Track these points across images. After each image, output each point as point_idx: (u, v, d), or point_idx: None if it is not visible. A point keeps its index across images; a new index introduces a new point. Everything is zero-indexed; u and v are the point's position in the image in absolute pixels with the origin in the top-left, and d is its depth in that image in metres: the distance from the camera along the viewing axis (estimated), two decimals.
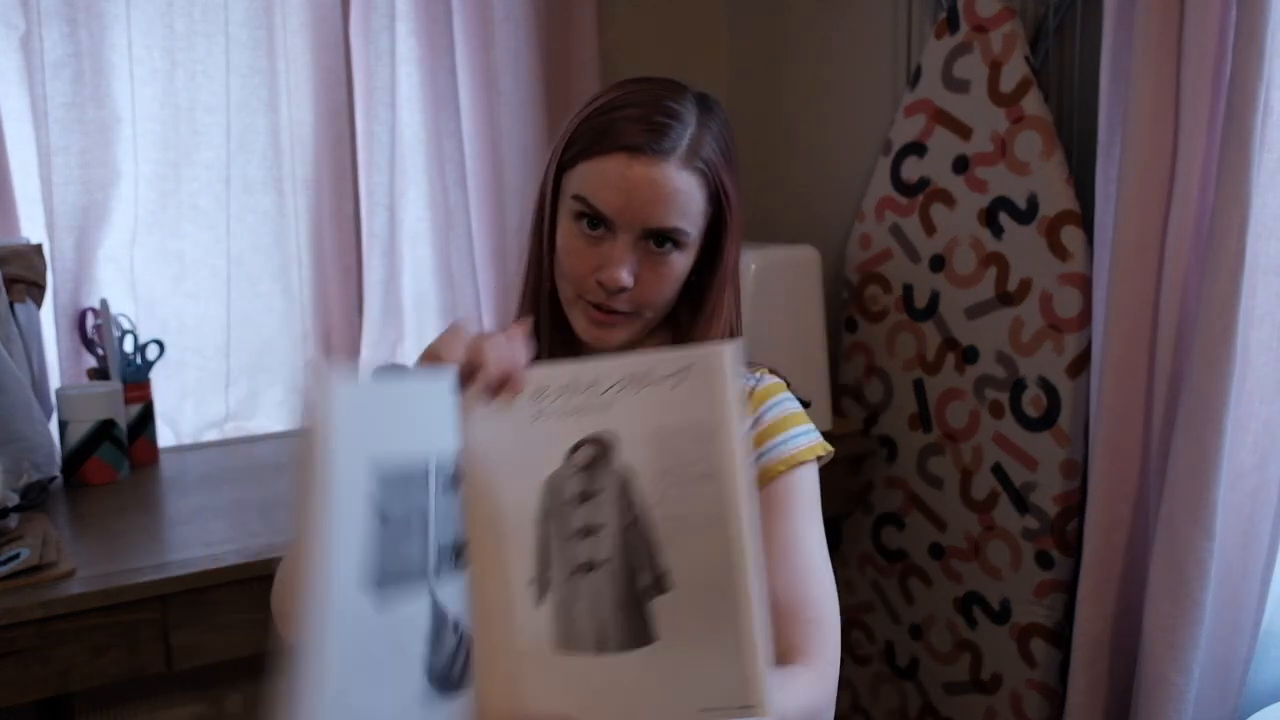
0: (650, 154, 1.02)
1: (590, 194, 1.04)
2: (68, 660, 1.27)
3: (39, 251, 1.68)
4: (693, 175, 1.04)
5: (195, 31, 1.81)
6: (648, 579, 0.79)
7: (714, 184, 1.07)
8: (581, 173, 1.05)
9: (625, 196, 1.02)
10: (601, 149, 1.03)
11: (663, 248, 1.04)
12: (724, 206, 1.08)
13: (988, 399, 1.79)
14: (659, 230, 1.03)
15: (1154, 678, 1.44)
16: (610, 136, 1.03)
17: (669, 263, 1.05)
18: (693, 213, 1.05)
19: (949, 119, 1.80)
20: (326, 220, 1.96)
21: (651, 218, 1.03)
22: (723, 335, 1.10)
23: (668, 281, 1.06)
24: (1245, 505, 1.43)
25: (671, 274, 1.06)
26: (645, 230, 1.03)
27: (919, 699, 1.97)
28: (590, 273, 1.05)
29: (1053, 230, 1.66)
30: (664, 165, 1.02)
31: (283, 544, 1.40)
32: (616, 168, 1.03)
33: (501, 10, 2.01)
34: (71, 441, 1.63)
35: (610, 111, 1.05)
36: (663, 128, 1.03)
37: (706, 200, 1.06)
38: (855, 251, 1.99)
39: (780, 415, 1.13)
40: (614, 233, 1.04)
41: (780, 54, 2.23)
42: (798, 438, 1.13)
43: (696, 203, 1.05)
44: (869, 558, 2.02)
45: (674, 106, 1.06)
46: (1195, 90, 1.39)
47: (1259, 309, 1.38)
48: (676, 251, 1.06)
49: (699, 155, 1.05)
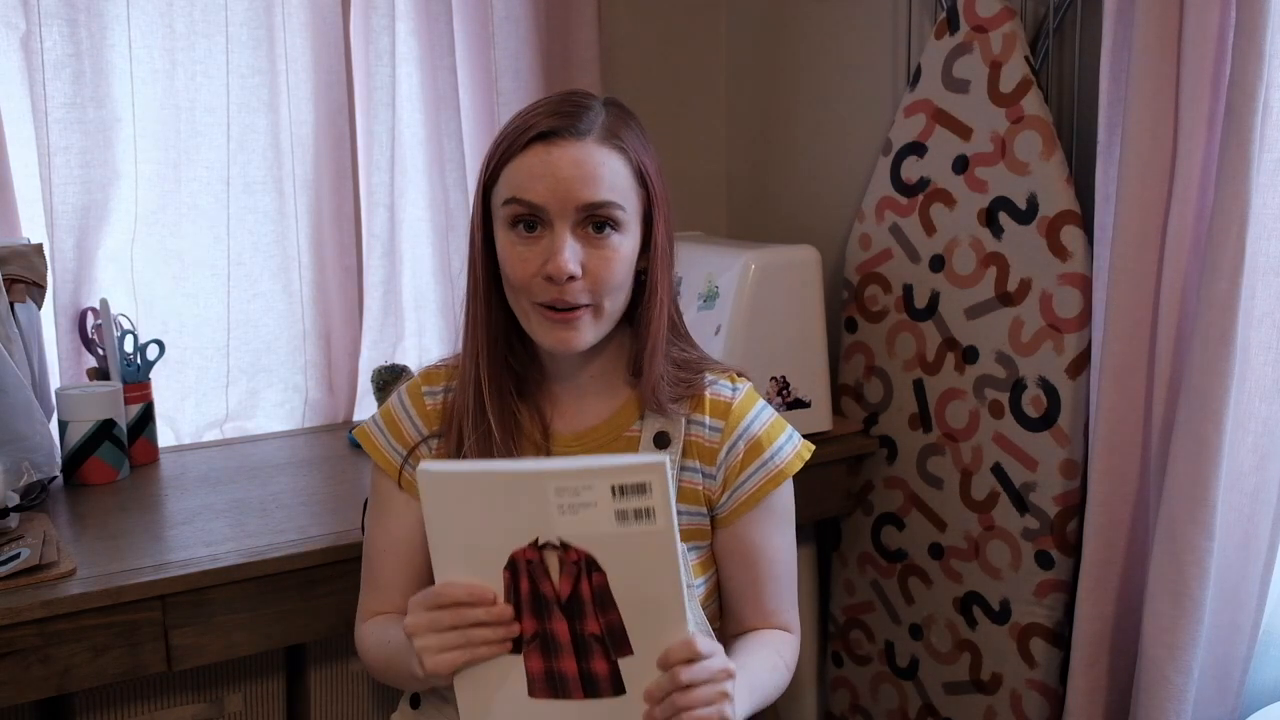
0: (567, 135, 1.04)
1: (519, 191, 1.04)
2: (68, 660, 1.27)
3: (39, 251, 1.68)
4: (613, 151, 1.05)
5: (195, 31, 1.81)
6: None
7: (636, 163, 1.07)
8: (505, 178, 1.06)
9: (553, 180, 1.03)
10: (518, 147, 1.05)
11: (601, 232, 1.05)
12: (650, 188, 1.08)
13: (988, 399, 1.79)
14: (591, 205, 1.03)
15: (1153, 677, 1.44)
16: (524, 133, 1.05)
17: (611, 245, 1.05)
18: (621, 187, 1.05)
19: (949, 119, 1.80)
20: (326, 220, 1.96)
21: (582, 194, 1.03)
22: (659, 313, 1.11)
23: (614, 264, 1.06)
24: (1245, 505, 1.43)
25: (617, 256, 1.06)
26: (579, 210, 1.04)
27: (919, 699, 1.97)
28: (536, 272, 1.05)
29: (1053, 230, 1.66)
30: (583, 143, 1.04)
31: (283, 543, 1.40)
32: (538, 157, 1.04)
33: (501, 10, 2.01)
34: (71, 441, 1.63)
35: (519, 119, 1.08)
36: (573, 113, 1.06)
37: (632, 178, 1.07)
38: (855, 251, 1.99)
39: (764, 428, 1.16)
40: (550, 225, 1.04)
41: (780, 54, 2.23)
42: (782, 449, 1.16)
43: (623, 178, 1.06)
44: (869, 558, 2.02)
45: (580, 99, 1.08)
46: (1195, 90, 1.39)
47: (1259, 309, 1.38)
48: (616, 234, 1.06)
49: (616, 135, 1.06)
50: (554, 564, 0.91)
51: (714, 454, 1.14)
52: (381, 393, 1.88)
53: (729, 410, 1.14)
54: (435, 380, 1.19)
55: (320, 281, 1.98)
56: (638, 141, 1.09)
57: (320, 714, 1.60)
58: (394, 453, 1.18)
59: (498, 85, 2.03)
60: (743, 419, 1.15)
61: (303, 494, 1.61)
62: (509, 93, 2.03)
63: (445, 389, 1.18)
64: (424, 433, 1.18)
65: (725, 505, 1.14)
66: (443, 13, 1.96)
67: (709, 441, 1.14)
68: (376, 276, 1.99)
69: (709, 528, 1.16)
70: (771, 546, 1.16)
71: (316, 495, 1.60)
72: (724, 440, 1.14)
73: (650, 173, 1.09)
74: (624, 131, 1.07)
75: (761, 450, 1.14)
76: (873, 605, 2.03)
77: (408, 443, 1.18)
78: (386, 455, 1.18)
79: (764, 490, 1.13)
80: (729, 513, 1.14)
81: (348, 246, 1.98)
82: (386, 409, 1.20)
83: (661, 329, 1.12)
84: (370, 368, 1.97)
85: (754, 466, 1.14)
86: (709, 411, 1.14)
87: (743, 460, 1.14)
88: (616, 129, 1.07)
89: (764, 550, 1.15)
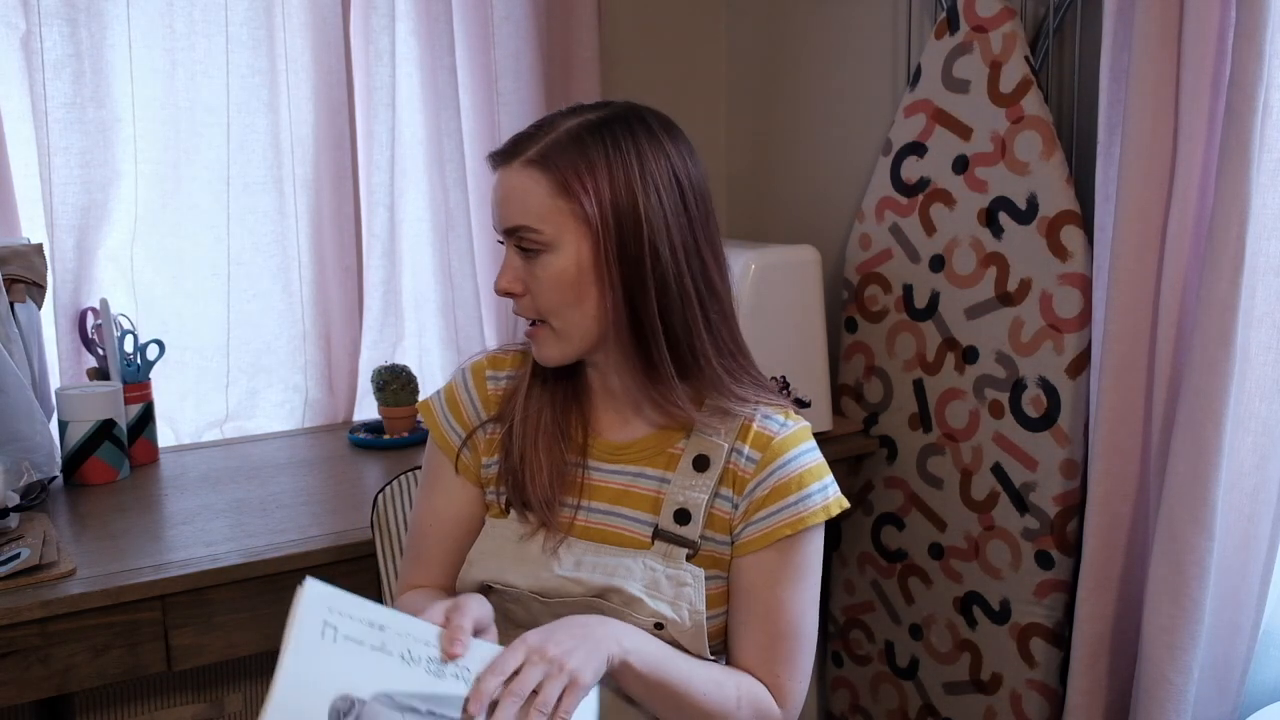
0: (503, 160, 1.08)
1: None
2: (68, 660, 1.27)
3: (39, 251, 1.68)
4: (536, 172, 1.05)
5: (195, 31, 1.81)
6: None
7: (560, 177, 1.04)
8: None
9: (493, 204, 1.09)
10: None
11: (529, 253, 1.07)
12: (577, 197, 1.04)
13: (988, 399, 1.79)
14: (507, 231, 1.07)
15: (1153, 677, 1.44)
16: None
17: (542, 264, 1.06)
18: (533, 208, 1.05)
19: (949, 119, 1.80)
20: (326, 220, 1.96)
21: (500, 220, 1.08)
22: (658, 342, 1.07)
23: (544, 284, 1.06)
24: (1245, 505, 1.43)
25: (546, 275, 1.06)
26: (504, 234, 1.08)
27: (919, 699, 1.97)
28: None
29: (1053, 230, 1.66)
30: (508, 169, 1.07)
31: (283, 543, 1.40)
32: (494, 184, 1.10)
33: (501, 10, 2.01)
34: (71, 441, 1.63)
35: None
36: (520, 137, 1.08)
37: (550, 194, 1.04)
38: (855, 251, 1.99)
39: (796, 471, 1.11)
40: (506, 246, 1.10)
41: (780, 54, 2.23)
42: (810, 497, 1.11)
43: (536, 197, 1.05)
44: (869, 558, 2.03)
45: (553, 118, 1.09)
46: (1195, 90, 1.39)
47: (1259, 309, 1.38)
48: (546, 254, 1.06)
49: (548, 154, 1.05)
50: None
51: (744, 484, 1.10)
52: (381, 393, 1.88)
53: (769, 444, 1.11)
54: (501, 365, 1.20)
55: (320, 281, 1.98)
56: (590, 157, 1.04)
57: None
58: (454, 434, 1.18)
59: (498, 85, 2.03)
60: (781, 455, 1.11)
61: (303, 494, 1.61)
62: (509, 93, 2.03)
63: (509, 375, 1.18)
64: (483, 416, 1.18)
65: (740, 536, 1.11)
66: (443, 13, 1.96)
67: (744, 472, 1.11)
68: (376, 276, 1.99)
69: (729, 557, 1.12)
70: (777, 597, 1.10)
71: (316, 495, 1.60)
72: (757, 473, 1.10)
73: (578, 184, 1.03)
74: (571, 147, 1.04)
75: (789, 492, 1.10)
76: (873, 605, 2.03)
77: (467, 425, 1.18)
78: (446, 435, 1.18)
79: (779, 532, 1.09)
80: (742, 544, 1.10)
81: (348, 246, 1.98)
82: (450, 387, 1.20)
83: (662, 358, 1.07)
84: (370, 368, 1.97)
85: (777, 506, 1.09)
86: (751, 442, 1.11)
87: (768, 496, 1.10)
88: (558, 145, 1.04)
89: (767, 598, 1.10)
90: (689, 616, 1.08)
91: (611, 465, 1.14)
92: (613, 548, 1.11)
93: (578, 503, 1.13)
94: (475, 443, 1.17)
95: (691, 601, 1.08)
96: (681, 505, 1.10)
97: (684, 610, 1.08)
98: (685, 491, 1.10)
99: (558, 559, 1.11)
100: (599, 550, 1.11)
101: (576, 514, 1.13)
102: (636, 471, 1.13)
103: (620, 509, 1.12)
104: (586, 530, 1.13)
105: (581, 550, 1.11)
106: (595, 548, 1.11)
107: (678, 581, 1.09)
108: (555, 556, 1.11)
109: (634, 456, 1.14)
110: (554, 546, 1.11)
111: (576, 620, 1.00)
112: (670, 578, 1.09)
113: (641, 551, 1.10)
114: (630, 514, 1.12)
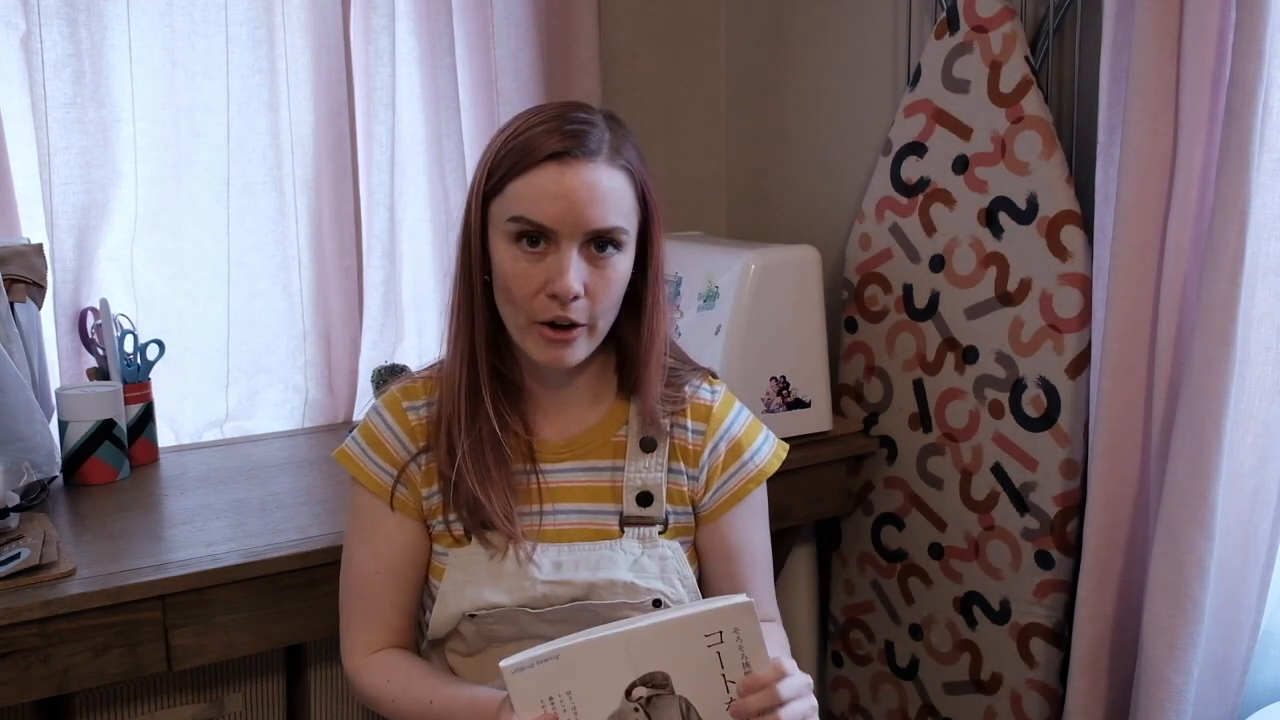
0: (578, 157, 1.04)
1: (527, 210, 1.04)
2: (68, 660, 1.27)
3: (39, 251, 1.68)
4: (620, 173, 1.06)
5: (195, 31, 1.81)
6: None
7: (639, 183, 1.08)
8: (512, 193, 1.06)
9: (564, 203, 1.03)
10: (528, 164, 1.04)
11: (604, 252, 1.06)
12: (649, 205, 1.09)
13: (988, 399, 1.79)
14: (600, 231, 1.04)
15: (1153, 677, 1.44)
16: (533, 151, 1.04)
17: (613, 265, 1.06)
18: (626, 209, 1.07)
19: (949, 119, 1.80)
20: (326, 220, 1.96)
21: (593, 220, 1.04)
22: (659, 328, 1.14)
23: (614, 285, 1.07)
24: (1245, 505, 1.43)
25: (616, 276, 1.07)
26: (588, 235, 1.04)
27: (919, 699, 1.97)
28: (539, 290, 1.05)
29: (1053, 230, 1.66)
30: (594, 166, 1.04)
31: (283, 543, 1.40)
32: (549, 177, 1.03)
33: (501, 10, 2.01)
34: (71, 441, 1.63)
35: (524, 132, 1.07)
36: (581, 133, 1.06)
37: (635, 199, 1.08)
38: (855, 251, 1.99)
39: (742, 430, 1.21)
40: (556, 244, 1.05)
41: (780, 54, 2.23)
42: (760, 450, 1.21)
43: (628, 200, 1.07)
44: (869, 558, 2.03)
45: (582, 115, 1.08)
46: (1195, 90, 1.39)
47: (1259, 309, 1.38)
48: (618, 254, 1.07)
49: (621, 154, 1.07)
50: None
51: (697, 456, 1.18)
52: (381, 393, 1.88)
53: (710, 414, 1.19)
54: (415, 395, 1.18)
55: (320, 281, 1.98)
56: (637, 158, 1.09)
57: (320, 714, 1.60)
58: (383, 474, 1.16)
59: (498, 85, 2.03)
60: (723, 422, 1.19)
61: (303, 494, 1.61)
62: (509, 93, 2.03)
63: (427, 403, 1.17)
64: (411, 450, 1.16)
65: (708, 504, 1.18)
66: (443, 13, 1.96)
67: (692, 444, 1.18)
68: (376, 276, 1.99)
69: (694, 524, 1.20)
70: (752, 541, 1.21)
71: (316, 495, 1.60)
72: (706, 442, 1.18)
73: (650, 192, 1.10)
74: (626, 149, 1.08)
75: (741, 452, 1.19)
76: (873, 605, 2.03)
77: (396, 462, 1.15)
78: (375, 476, 1.16)
79: (745, 490, 1.18)
80: (711, 510, 1.19)
81: (348, 246, 1.97)
82: (367, 428, 1.18)
83: (662, 345, 1.15)
84: (370, 368, 1.97)
85: (735, 467, 1.18)
86: (691, 415, 1.18)
87: (724, 461, 1.18)
88: (620, 147, 1.07)
89: (745, 545, 1.20)
90: (681, 585, 1.15)
91: (560, 464, 1.16)
92: (587, 544, 1.13)
93: (539, 509, 1.14)
94: (410, 476, 1.15)
95: (679, 572, 1.15)
96: (641, 488, 1.15)
97: (675, 581, 1.14)
98: (641, 474, 1.15)
99: (536, 566, 1.11)
100: (574, 549, 1.13)
101: (541, 520, 1.14)
102: (587, 466, 1.16)
103: (582, 505, 1.15)
104: (556, 534, 1.14)
105: (556, 553, 1.13)
106: (569, 547, 1.13)
107: (659, 558, 1.14)
108: (533, 565, 1.11)
109: (580, 451, 1.16)
110: (528, 556, 1.12)
111: None
112: (651, 556, 1.14)
113: (614, 541, 1.14)
114: (593, 508, 1.15)
